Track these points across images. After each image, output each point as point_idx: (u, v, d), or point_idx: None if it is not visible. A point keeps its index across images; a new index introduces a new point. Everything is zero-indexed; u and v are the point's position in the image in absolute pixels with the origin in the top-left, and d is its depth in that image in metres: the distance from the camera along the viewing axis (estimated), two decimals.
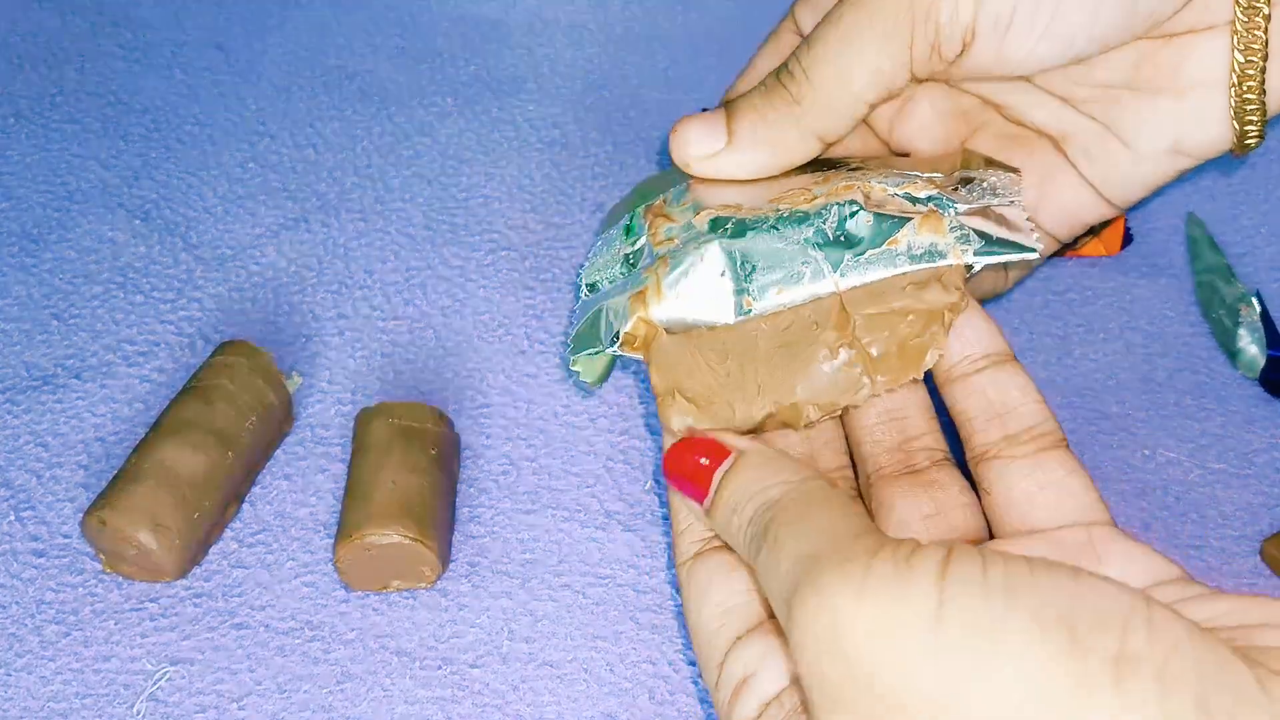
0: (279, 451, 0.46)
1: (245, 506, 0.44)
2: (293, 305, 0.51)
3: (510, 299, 0.51)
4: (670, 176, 0.38)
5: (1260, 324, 0.48)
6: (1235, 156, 0.36)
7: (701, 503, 0.30)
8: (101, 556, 0.42)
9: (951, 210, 0.33)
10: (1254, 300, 0.49)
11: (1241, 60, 0.34)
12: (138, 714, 0.39)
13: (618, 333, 0.33)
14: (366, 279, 0.52)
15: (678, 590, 0.42)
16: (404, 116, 0.57)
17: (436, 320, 0.50)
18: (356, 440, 0.43)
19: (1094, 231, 0.51)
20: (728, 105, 0.35)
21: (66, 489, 0.44)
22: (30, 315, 0.50)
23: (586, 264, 0.38)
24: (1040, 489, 0.32)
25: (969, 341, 0.33)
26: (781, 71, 0.35)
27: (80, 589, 0.42)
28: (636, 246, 0.36)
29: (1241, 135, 0.35)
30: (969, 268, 0.32)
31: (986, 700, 0.22)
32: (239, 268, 0.52)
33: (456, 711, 0.39)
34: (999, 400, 0.33)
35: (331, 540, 0.43)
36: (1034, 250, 0.32)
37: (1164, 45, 0.35)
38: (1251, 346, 0.48)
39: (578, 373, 0.35)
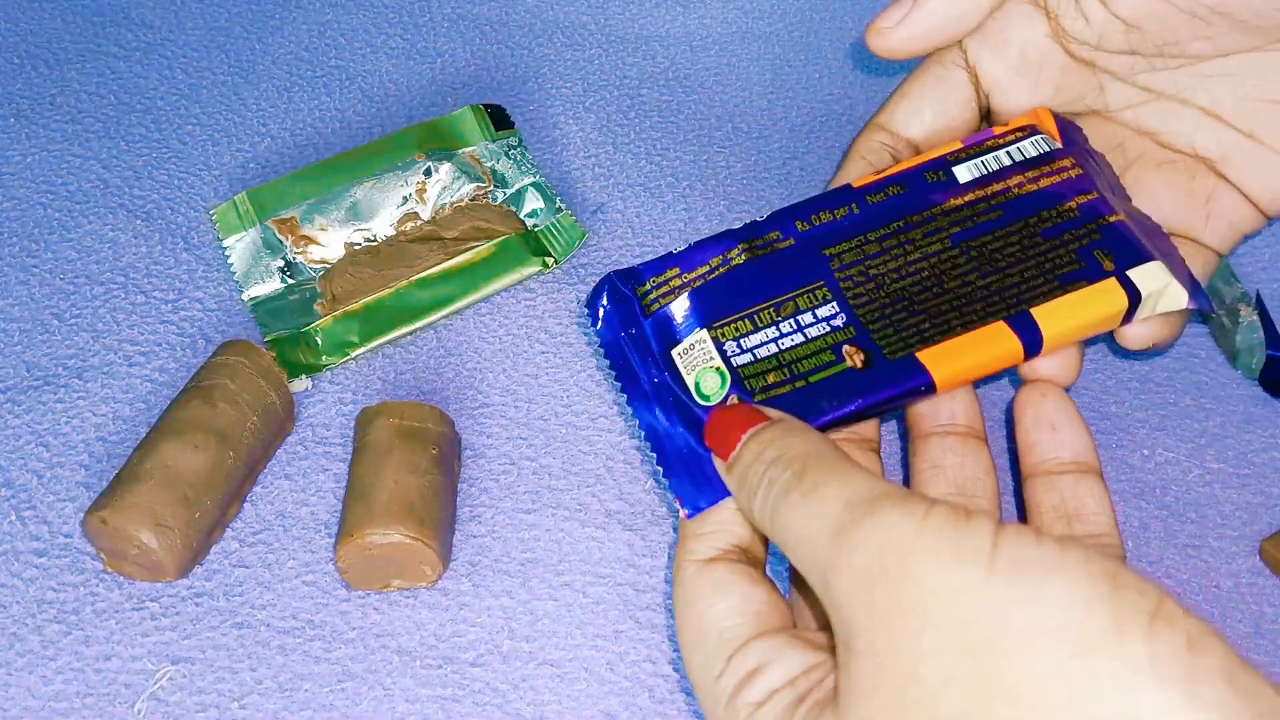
0: (280, 451, 0.46)
1: (246, 506, 0.44)
2: None
3: (510, 299, 0.51)
4: (284, 185, 0.51)
5: (1260, 324, 0.48)
6: None
7: (726, 458, 0.32)
8: (102, 556, 0.42)
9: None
10: (1253, 300, 0.49)
11: None
12: (139, 713, 0.39)
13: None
14: None
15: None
16: (404, 117, 0.57)
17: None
18: (357, 440, 0.43)
19: None
20: None
21: (68, 488, 0.44)
22: (31, 315, 0.50)
23: (236, 268, 0.50)
24: None
25: (1063, 444, 0.36)
26: None
27: (81, 588, 0.42)
28: (289, 259, 0.50)
29: None
30: None
31: (1027, 626, 0.23)
32: None
33: (457, 710, 0.39)
34: (1074, 503, 0.35)
35: (332, 540, 0.43)
36: None
37: None
38: (1251, 346, 0.48)
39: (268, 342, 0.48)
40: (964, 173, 0.38)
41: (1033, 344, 0.35)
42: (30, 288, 0.51)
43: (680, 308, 0.36)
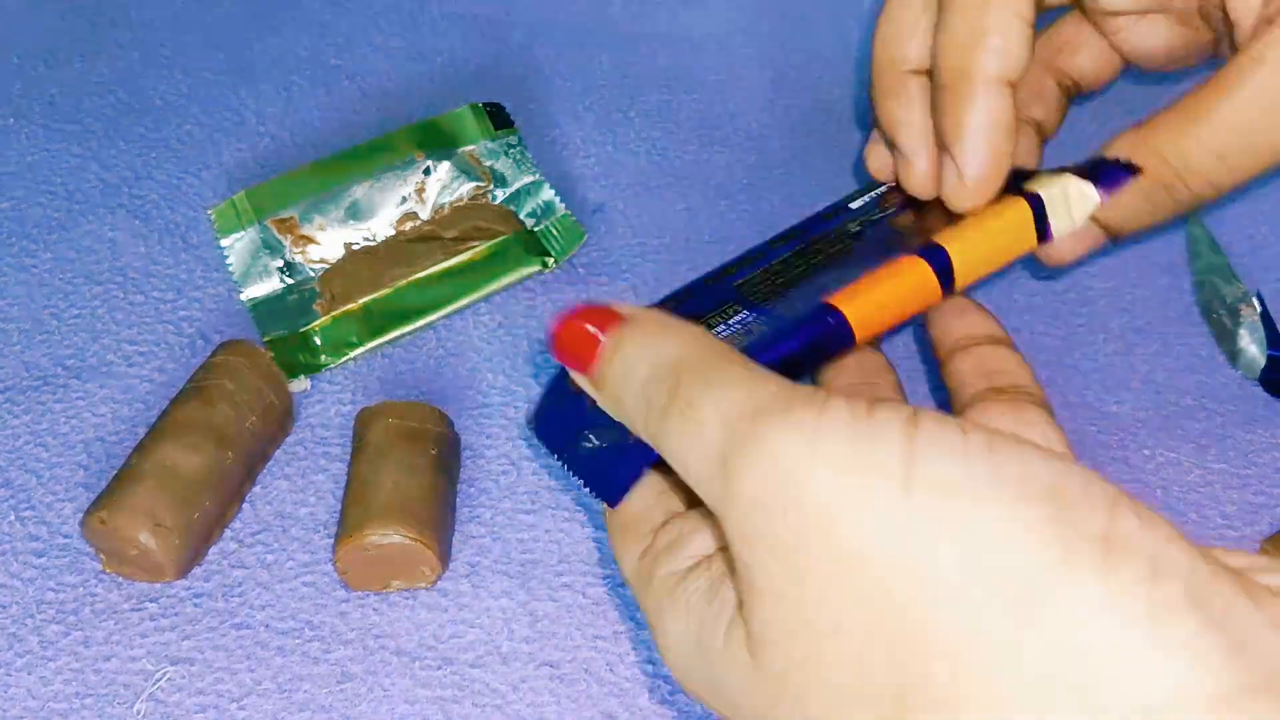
0: (279, 451, 0.46)
1: (245, 506, 0.44)
2: None
3: (510, 299, 0.51)
4: (283, 184, 0.51)
5: (1260, 324, 0.48)
6: None
7: (591, 374, 0.27)
8: (101, 556, 0.42)
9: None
10: (1254, 300, 0.49)
11: None
12: (138, 714, 0.39)
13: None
14: None
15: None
16: (403, 116, 0.57)
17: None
18: (356, 440, 0.43)
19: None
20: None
21: (66, 489, 0.44)
22: (30, 315, 0.50)
23: (234, 268, 0.50)
24: (1015, 428, 0.30)
25: (972, 324, 0.34)
26: None
27: (80, 589, 0.42)
28: (288, 259, 0.50)
29: None
30: None
31: (958, 566, 0.20)
32: None
33: (456, 711, 0.39)
34: (992, 363, 0.33)
35: (331, 540, 0.43)
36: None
37: None
38: (1251, 346, 0.48)
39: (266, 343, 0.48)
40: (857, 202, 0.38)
41: (943, 269, 0.34)
42: (29, 288, 0.51)
43: None
